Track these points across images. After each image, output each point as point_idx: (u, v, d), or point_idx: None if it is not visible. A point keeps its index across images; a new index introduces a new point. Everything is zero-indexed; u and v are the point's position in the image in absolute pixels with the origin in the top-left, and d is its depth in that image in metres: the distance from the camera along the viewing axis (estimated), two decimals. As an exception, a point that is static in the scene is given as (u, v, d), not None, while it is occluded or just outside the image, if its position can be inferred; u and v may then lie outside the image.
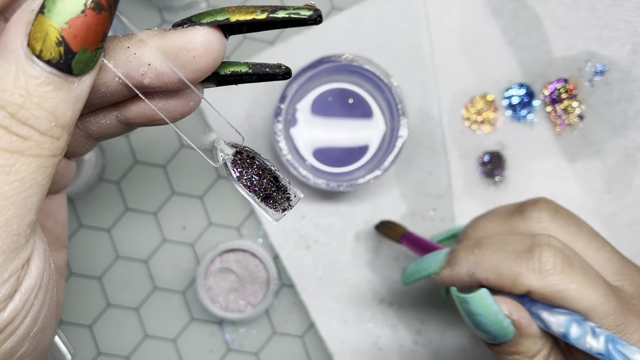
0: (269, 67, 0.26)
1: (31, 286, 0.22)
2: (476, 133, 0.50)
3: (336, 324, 0.49)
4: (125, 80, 0.24)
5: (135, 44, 0.23)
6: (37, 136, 0.20)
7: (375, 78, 0.46)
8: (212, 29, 0.23)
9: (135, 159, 0.50)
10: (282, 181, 0.26)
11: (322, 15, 0.24)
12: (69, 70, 0.20)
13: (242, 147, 0.26)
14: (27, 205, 0.21)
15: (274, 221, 0.27)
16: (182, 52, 0.23)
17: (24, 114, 0.20)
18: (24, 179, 0.20)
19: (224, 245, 0.49)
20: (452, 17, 0.50)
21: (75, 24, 0.20)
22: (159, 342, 0.50)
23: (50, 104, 0.20)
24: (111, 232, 0.50)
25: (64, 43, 0.20)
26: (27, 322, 0.22)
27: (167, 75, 0.24)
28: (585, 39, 0.49)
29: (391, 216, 0.50)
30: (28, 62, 0.20)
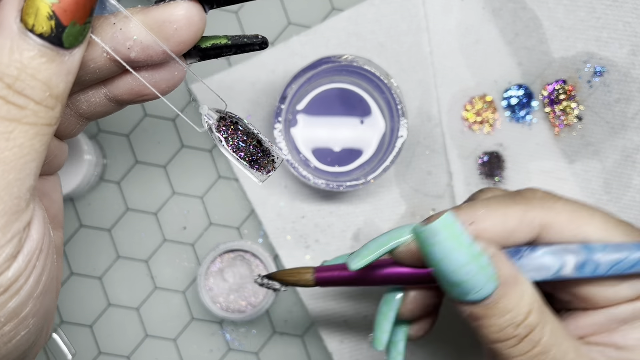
0: (247, 37, 0.28)
1: (33, 248, 0.23)
2: (475, 133, 0.50)
3: (336, 324, 0.50)
4: (113, 54, 0.25)
5: (120, 20, 0.25)
6: (33, 105, 0.22)
7: (375, 78, 0.46)
8: (191, 2, 0.25)
9: (136, 159, 0.50)
10: (266, 144, 0.28)
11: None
12: (60, 43, 0.22)
13: (226, 113, 0.28)
14: (26, 171, 0.22)
15: (259, 182, 0.28)
16: (164, 25, 0.25)
17: (19, 84, 0.21)
18: (22, 145, 0.22)
19: (225, 246, 0.49)
20: (452, 18, 0.50)
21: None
22: (160, 342, 0.50)
23: (44, 75, 0.22)
24: (112, 232, 0.50)
25: (54, 17, 0.21)
26: (30, 283, 0.23)
27: (152, 48, 0.25)
28: (584, 39, 0.49)
29: (391, 216, 0.50)
30: (22, 37, 0.21)
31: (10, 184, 0.22)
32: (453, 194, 0.50)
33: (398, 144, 0.45)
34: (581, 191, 0.49)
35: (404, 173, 0.50)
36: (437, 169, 0.50)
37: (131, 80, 0.28)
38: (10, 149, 0.22)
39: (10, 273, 0.22)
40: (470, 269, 0.27)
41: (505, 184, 0.50)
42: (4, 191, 0.22)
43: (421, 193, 0.50)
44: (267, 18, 0.50)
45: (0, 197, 0.22)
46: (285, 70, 0.50)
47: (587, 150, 0.49)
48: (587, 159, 0.49)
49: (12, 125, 0.22)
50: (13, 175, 0.22)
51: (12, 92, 0.21)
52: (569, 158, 0.49)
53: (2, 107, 0.21)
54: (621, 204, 0.49)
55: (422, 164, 0.50)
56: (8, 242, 0.22)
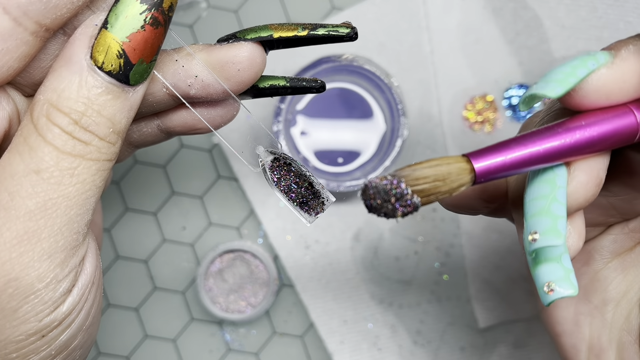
0: (306, 80, 0.28)
1: (86, 282, 0.24)
2: (476, 133, 0.50)
3: (336, 324, 0.49)
4: (174, 91, 0.25)
5: (183, 57, 0.25)
6: (97, 141, 0.22)
7: (375, 78, 0.46)
8: (255, 44, 0.26)
9: (135, 159, 0.50)
10: (317, 186, 0.28)
11: (357, 33, 0.26)
12: (127, 80, 0.22)
13: (280, 154, 0.28)
14: (87, 206, 0.23)
15: (308, 223, 0.28)
16: (227, 66, 0.25)
17: (85, 120, 0.22)
18: (85, 181, 0.22)
19: (224, 246, 0.49)
20: (452, 17, 0.49)
21: (135, 38, 0.22)
22: (159, 342, 0.50)
23: (109, 111, 0.22)
24: (111, 232, 0.50)
25: (124, 55, 0.22)
26: (82, 316, 0.24)
27: (212, 86, 0.26)
28: (586, 39, 0.49)
29: (391, 216, 0.50)
30: (90, 73, 0.22)
31: (72, 220, 0.22)
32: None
33: (398, 143, 0.45)
34: (582, 191, 0.49)
35: (405, 173, 0.50)
36: (438, 169, 0.50)
37: (186, 115, 0.28)
38: (74, 185, 0.22)
39: (64, 307, 0.23)
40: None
41: (506, 184, 0.49)
42: (66, 227, 0.22)
43: (422, 193, 0.50)
44: (267, 17, 0.50)
45: (62, 233, 0.22)
46: (285, 70, 0.49)
47: (588, 150, 0.49)
48: (588, 159, 0.49)
49: (77, 161, 0.22)
50: (75, 210, 0.22)
51: (78, 128, 0.22)
52: (570, 158, 0.49)
53: (68, 142, 0.22)
54: (622, 204, 0.49)
55: (423, 164, 0.50)
56: (66, 276, 0.23)
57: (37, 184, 0.21)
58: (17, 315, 0.22)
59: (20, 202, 0.21)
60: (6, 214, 0.21)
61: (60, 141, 0.22)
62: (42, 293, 0.22)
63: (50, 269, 0.22)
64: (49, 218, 0.22)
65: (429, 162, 0.22)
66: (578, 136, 0.22)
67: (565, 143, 0.22)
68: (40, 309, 0.22)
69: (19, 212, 0.21)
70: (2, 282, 0.21)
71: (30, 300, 0.22)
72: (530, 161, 0.22)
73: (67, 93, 0.21)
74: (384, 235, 0.50)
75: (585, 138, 0.22)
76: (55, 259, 0.22)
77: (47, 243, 0.22)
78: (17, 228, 0.21)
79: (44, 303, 0.22)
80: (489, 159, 0.22)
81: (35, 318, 0.22)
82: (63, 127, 0.22)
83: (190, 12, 0.50)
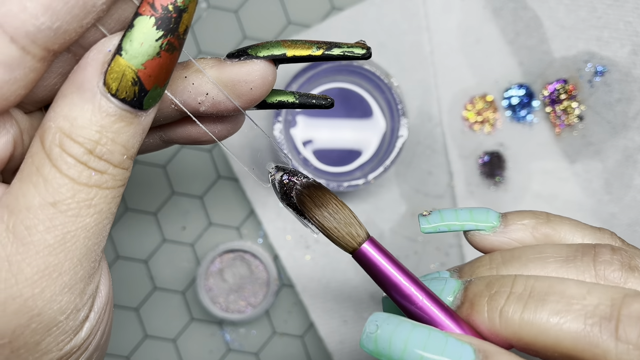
0: (315, 98, 0.27)
1: (103, 304, 0.24)
2: (476, 133, 0.50)
3: (336, 324, 0.49)
4: (184, 109, 0.25)
5: (192, 74, 0.25)
6: (112, 169, 0.22)
7: (375, 78, 0.46)
8: (267, 62, 0.25)
9: (135, 159, 0.50)
10: None
11: (372, 52, 0.26)
12: (141, 106, 0.21)
13: (290, 170, 0.27)
14: (103, 234, 0.23)
15: (316, 235, 0.27)
16: (239, 84, 0.25)
17: (100, 149, 0.21)
18: (102, 210, 0.22)
19: (224, 246, 0.49)
20: (452, 17, 0.50)
21: (150, 65, 0.21)
22: (159, 342, 0.50)
23: (123, 138, 0.21)
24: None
25: (139, 82, 0.21)
26: (98, 336, 0.24)
27: (222, 104, 0.25)
28: (585, 39, 0.49)
29: (391, 216, 0.50)
30: (104, 100, 0.21)
31: (90, 250, 0.22)
32: (454, 194, 0.50)
33: (398, 143, 0.45)
34: (582, 191, 0.49)
35: (405, 173, 0.50)
36: (438, 169, 0.50)
37: (191, 129, 0.27)
38: (92, 216, 0.22)
39: (83, 333, 0.23)
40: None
41: (506, 184, 0.49)
42: (85, 257, 0.22)
43: (422, 193, 0.50)
44: (267, 17, 0.50)
45: (81, 264, 0.22)
46: (285, 70, 0.49)
47: (588, 150, 0.49)
48: (588, 159, 0.49)
49: (93, 191, 0.21)
50: (92, 241, 0.22)
51: (92, 157, 0.21)
52: (570, 158, 0.49)
53: (83, 172, 0.21)
54: (622, 204, 0.49)
55: (423, 164, 0.50)
56: (84, 304, 0.22)
57: (54, 217, 0.21)
58: (40, 348, 0.22)
59: (38, 236, 0.21)
60: (25, 249, 0.21)
61: (75, 172, 0.21)
62: (64, 324, 0.22)
63: (71, 301, 0.22)
64: (69, 251, 0.21)
65: (346, 212, 0.25)
66: (439, 320, 0.23)
67: (424, 314, 0.23)
68: (61, 338, 0.22)
69: (38, 247, 0.21)
70: (25, 318, 0.21)
71: (52, 332, 0.22)
72: (397, 290, 0.24)
73: (80, 121, 0.21)
74: (384, 235, 0.50)
75: (441, 327, 0.23)
76: (75, 290, 0.22)
77: (67, 276, 0.21)
78: (38, 263, 0.21)
79: (65, 333, 0.22)
80: (377, 255, 0.24)
81: (56, 347, 0.22)
82: (78, 157, 0.21)
83: (190, 12, 0.50)
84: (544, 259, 0.24)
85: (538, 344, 0.21)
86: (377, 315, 0.23)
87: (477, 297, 0.23)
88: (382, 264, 0.24)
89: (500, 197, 0.49)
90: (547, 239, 0.26)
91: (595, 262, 0.23)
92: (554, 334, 0.21)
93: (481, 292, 0.23)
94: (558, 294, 0.22)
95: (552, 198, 0.49)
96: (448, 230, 0.27)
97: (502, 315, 0.22)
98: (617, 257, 0.23)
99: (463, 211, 0.27)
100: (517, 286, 0.22)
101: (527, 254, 0.24)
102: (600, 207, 0.49)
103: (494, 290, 0.23)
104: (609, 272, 0.23)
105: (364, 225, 0.25)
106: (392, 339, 0.22)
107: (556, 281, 0.22)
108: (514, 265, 0.24)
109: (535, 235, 0.26)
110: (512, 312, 0.22)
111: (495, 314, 0.22)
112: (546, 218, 0.26)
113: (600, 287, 0.22)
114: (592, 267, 0.23)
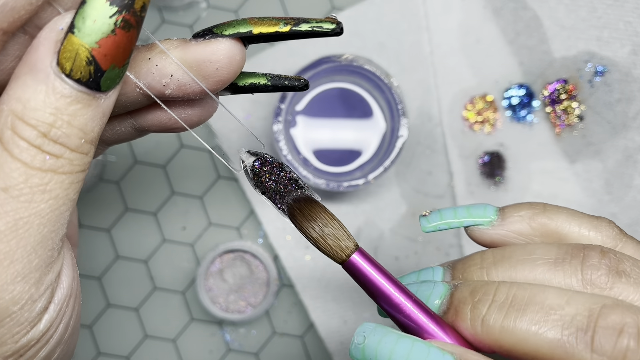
0: (288, 79, 0.26)
1: (63, 296, 0.23)
2: (476, 133, 0.50)
3: (336, 324, 0.49)
4: (148, 92, 0.24)
5: (156, 55, 0.23)
6: (69, 154, 0.21)
7: (375, 78, 0.46)
8: (234, 40, 0.24)
9: (135, 159, 0.50)
10: (303, 187, 0.27)
11: (343, 28, 0.24)
12: (98, 87, 0.20)
13: (263, 155, 0.27)
14: (61, 221, 0.21)
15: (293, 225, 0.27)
16: (204, 64, 0.24)
17: (55, 132, 0.20)
18: (58, 196, 0.21)
19: (224, 246, 0.49)
20: (452, 17, 0.49)
21: (105, 43, 0.20)
22: (159, 342, 0.50)
23: (80, 121, 0.21)
24: (111, 232, 0.50)
25: (94, 62, 0.20)
26: (60, 330, 0.23)
27: (188, 86, 0.24)
28: (585, 39, 0.49)
29: (391, 216, 0.50)
30: (58, 81, 0.20)
31: (46, 238, 0.21)
32: (454, 194, 0.50)
33: (398, 143, 0.45)
34: (582, 191, 0.49)
35: (405, 173, 0.50)
36: (438, 169, 0.50)
37: (161, 114, 0.26)
38: (47, 202, 0.21)
39: (42, 325, 0.22)
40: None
41: (506, 184, 0.49)
42: (40, 245, 0.21)
43: (422, 193, 0.50)
44: (267, 17, 0.50)
45: (35, 252, 0.21)
46: (285, 69, 0.49)
47: (588, 150, 0.49)
48: (588, 159, 0.49)
49: (48, 176, 0.20)
50: (48, 228, 0.21)
51: (47, 141, 0.20)
52: (570, 158, 0.49)
53: (37, 156, 0.20)
54: (623, 204, 0.49)
55: (423, 164, 0.50)
56: (41, 295, 0.21)
57: (6, 203, 0.20)
58: None
59: None
60: None
61: (28, 156, 0.20)
62: (18, 315, 0.21)
63: (25, 290, 0.21)
64: (21, 238, 0.20)
65: (335, 225, 0.26)
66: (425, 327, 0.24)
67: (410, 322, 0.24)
68: (16, 330, 0.21)
69: None
70: None
71: (6, 324, 0.21)
72: (385, 300, 0.25)
73: (33, 103, 0.20)
74: (384, 235, 0.50)
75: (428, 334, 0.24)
76: (30, 280, 0.21)
77: (20, 265, 0.20)
78: None
79: (20, 324, 0.21)
80: (366, 266, 0.25)
81: (11, 340, 0.21)
82: (30, 141, 0.20)
83: (190, 12, 0.50)
84: (533, 260, 0.24)
85: (518, 351, 0.22)
86: (365, 325, 0.23)
87: (461, 304, 0.23)
88: (371, 274, 0.25)
89: (500, 197, 0.49)
90: (543, 228, 0.26)
91: (583, 265, 0.23)
92: (533, 342, 0.21)
93: (465, 299, 0.23)
94: (538, 304, 0.22)
95: (552, 198, 0.49)
96: (448, 227, 0.28)
97: (483, 323, 0.22)
98: (605, 262, 0.23)
99: (461, 208, 0.28)
100: (499, 294, 0.23)
101: (517, 255, 0.25)
102: (601, 207, 0.49)
103: (477, 298, 0.23)
104: (595, 276, 0.23)
105: (352, 236, 0.26)
106: (378, 349, 0.22)
107: (537, 290, 0.22)
108: (503, 265, 0.25)
109: (532, 225, 0.26)
110: (493, 320, 0.22)
111: (477, 322, 0.23)
112: (543, 208, 0.26)
113: (580, 296, 0.22)
114: (579, 271, 0.23)
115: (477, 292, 0.23)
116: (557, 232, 0.26)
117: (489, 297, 0.23)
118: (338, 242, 0.25)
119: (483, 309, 0.23)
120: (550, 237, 0.26)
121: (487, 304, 0.23)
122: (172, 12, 0.50)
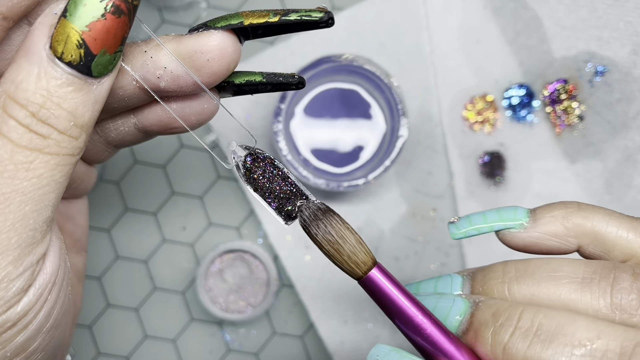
0: (283, 76, 0.27)
1: (45, 282, 0.23)
2: (476, 133, 0.50)
3: (336, 324, 0.49)
4: (142, 83, 0.24)
5: (152, 48, 0.24)
6: (56, 135, 0.21)
7: (375, 78, 0.46)
8: (226, 32, 0.24)
9: (135, 159, 0.50)
10: (296, 184, 0.27)
11: (333, 18, 0.25)
12: (89, 72, 0.21)
13: (254, 150, 0.27)
14: (44, 202, 0.22)
15: (286, 225, 0.27)
16: (196, 55, 0.24)
17: (44, 113, 0.21)
18: (42, 175, 0.21)
19: (224, 246, 0.49)
20: (453, 17, 0.49)
21: (95, 27, 0.21)
22: (159, 343, 0.50)
23: (70, 104, 0.21)
24: (111, 232, 0.50)
25: (84, 45, 0.21)
26: (40, 317, 0.23)
27: (182, 78, 0.24)
28: (586, 39, 0.49)
29: (391, 216, 0.50)
30: (50, 64, 0.21)
31: (27, 216, 0.21)
32: (454, 194, 0.50)
33: (399, 143, 0.45)
34: (582, 191, 0.49)
35: (405, 173, 0.50)
36: (438, 169, 0.50)
37: (160, 112, 0.27)
38: (29, 180, 0.21)
39: (19, 307, 0.22)
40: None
41: (506, 184, 0.49)
42: (19, 223, 0.21)
43: (422, 193, 0.50)
44: (267, 17, 0.50)
45: (15, 229, 0.21)
46: (285, 70, 0.49)
47: (588, 150, 0.49)
48: (588, 158, 0.49)
49: (33, 154, 0.21)
50: (30, 206, 0.21)
51: (35, 121, 0.21)
52: (570, 158, 0.49)
53: (24, 135, 0.21)
54: (623, 204, 0.49)
55: (423, 164, 0.50)
56: (20, 275, 0.21)
57: None
58: None
59: None
60: None
61: (15, 134, 0.21)
62: None
63: (1, 267, 0.21)
64: (1, 213, 0.21)
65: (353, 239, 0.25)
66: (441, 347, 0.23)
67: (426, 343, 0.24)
68: None
69: None
70: None
71: None
72: (402, 318, 0.24)
73: (25, 84, 0.20)
74: (384, 235, 0.50)
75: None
76: (7, 257, 0.21)
77: None
78: None
79: None
80: (385, 282, 0.24)
81: None
82: (19, 120, 0.21)
83: (190, 12, 0.50)
84: (558, 278, 0.23)
85: None
86: (378, 348, 0.23)
87: (482, 326, 0.23)
88: (391, 291, 0.24)
89: (500, 197, 0.49)
90: (578, 228, 0.25)
91: (613, 288, 0.22)
92: None
93: (487, 322, 0.23)
94: (567, 335, 0.21)
95: (553, 198, 0.49)
96: (478, 233, 0.27)
97: (505, 351, 0.22)
98: (637, 285, 0.22)
99: (490, 212, 0.27)
100: (523, 320, 0.22)
101: (542, 271, 0.24)
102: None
103: (499, 322, 0.22)
104: (626, 301, 0.22)
105: (370, 251, 0.25)
106: None
107: (566, 319, 0.21)
108: (526, 282, 0.24)
109: (567, 226, 0.25)
110: (516, 350, 0.21)
111: (499, 349, 0.22)
112: (577, 207, 0.25)
113: (612, 330, 0.21)
114: (608, 294, 0.22)
115: (500, 315, 0.22)
116: (593, 232, 0.25)
117: (513, 323, 0.22)
118: (355, 258, 0.24)
119: (505, 335, 0.22)
120: (586, 237, 0.25)
121: (510, 330, 0.22)
122: (172, 12, 0.50)
